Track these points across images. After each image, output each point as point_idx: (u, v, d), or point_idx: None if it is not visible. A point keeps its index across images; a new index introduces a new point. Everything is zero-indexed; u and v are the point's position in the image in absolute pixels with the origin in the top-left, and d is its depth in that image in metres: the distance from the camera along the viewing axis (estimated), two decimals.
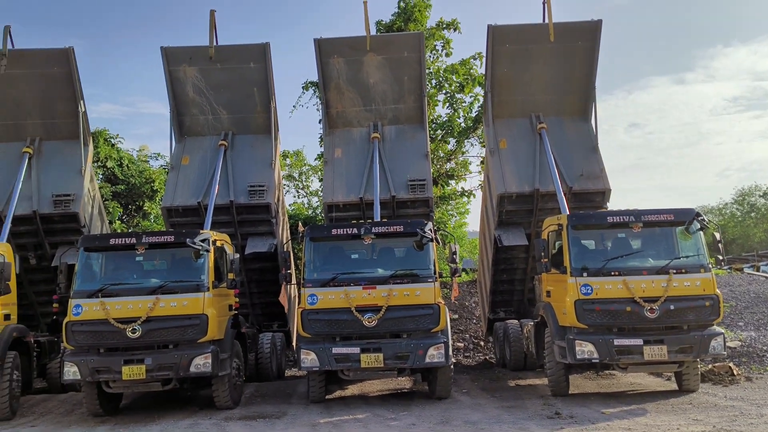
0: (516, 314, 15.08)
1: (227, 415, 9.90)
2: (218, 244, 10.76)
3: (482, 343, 17.75)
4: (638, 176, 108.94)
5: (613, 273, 9.63)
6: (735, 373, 11.48)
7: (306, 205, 28.82)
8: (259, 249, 14.05)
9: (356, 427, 8.74)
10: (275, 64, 15.02)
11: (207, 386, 10.60)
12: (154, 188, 22.27)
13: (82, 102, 14.79)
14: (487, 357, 16.51)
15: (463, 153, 22.85)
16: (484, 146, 22.22)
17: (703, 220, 10.01)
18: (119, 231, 19.94)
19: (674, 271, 9.55)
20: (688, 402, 9.56)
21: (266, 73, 15.01)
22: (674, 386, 10.84)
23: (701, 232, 9.99)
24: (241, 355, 11.48)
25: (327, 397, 10.87)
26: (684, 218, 9.98)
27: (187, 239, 10.07)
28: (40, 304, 14.49)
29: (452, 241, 14.39)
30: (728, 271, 21.78)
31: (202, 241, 10.13)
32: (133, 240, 10.27)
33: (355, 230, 10.40)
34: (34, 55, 14.39)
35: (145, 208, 22.43)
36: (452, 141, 22.39)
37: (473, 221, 25.67)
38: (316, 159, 28.12)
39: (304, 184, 31.20)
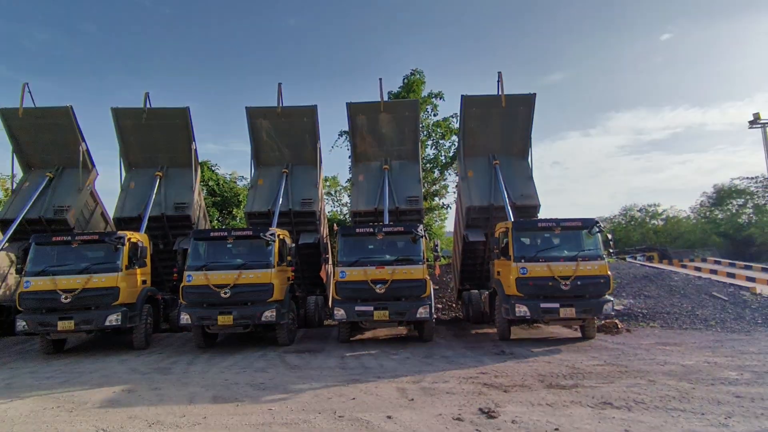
0: (477, 286, 15.08)
1: (285, 350, 10.02)
2: (281, 237, 10.91)
3: (454, 305, 17.77)
4: (558, 197, 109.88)
5: (541, 260, 9.70)
6: (619, 326, 11.46)
7: (339, 213, 28.91)
8: (308, 241, 14.17)
9: (370, 358, 8.81)
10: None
11: (272, 330, 10.74)
12: (240, 200, 22.38)
13: (194, 142, 15.03)
14: (457, 314, 16.50)
15: (443, 179, 22.87)
16: (458, 175, 22.40)
17: (600, 225, 10.06)
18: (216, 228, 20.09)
19: (581, 259, 9.61)
20: (588, 345, 9.57)
21: (314, 125, 15.17)
22: (579, 335, 10.85)
23: (599, 234, 10.04)
24: (295, 310, 11.61)
25: (351, 339, 10.98)
26: (588, 225, 10.04)
27: (261, 233, 10.28)
28: (165, 274, 14.68)
29: (435, 238, 14.48)
30: (616, 260, 21.66)
31: (271, 234, 10.33)
32: (226, 233, 10.47)
33: (371, 229, 10.53)
34: (164, 113, 14.67)
35: (233, 213, 22.55)
36: (437, 171, 22.44)
37: (450, 225, 25.79)
38: (345, 182, 28.32)
39: (338, 198, 31.36)
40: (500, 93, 14.24)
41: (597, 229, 9.92)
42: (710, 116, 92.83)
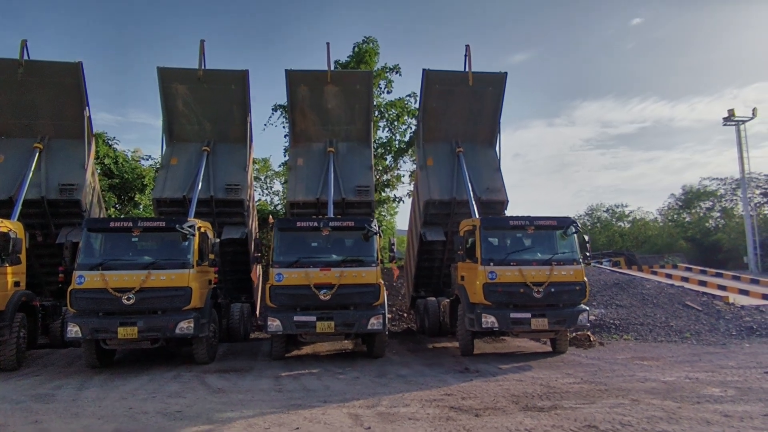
0: (433, 293, 15.23)
1: (205, 369, 9.54)
2: (202, 230, 10.36)
3: (405, 314, 17.88)
4: (519, 193, 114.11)
5: (512, 263, 9.90)
6: (592, 339, 12.03)
7: (269, 202, 28.17)
8: (233, 236, 13.64)
9: (311, 379, 8.58)
10: (251, 86, 14.68)
11: (187, 345, 10.22)
12: (144, 183, 21.06)
13: (87, 108, 13.93)
14: (410, 325, 16.60)
15: (396, 168, 22.91)
16: (415, 163, 22.53)
17: (577, 225, 10.45)
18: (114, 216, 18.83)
19: (555, 263, 9.93)
20: (561, 361, 9.95)
21: (244, 94, 14.59)
22: (549, 348, 11.27)
23: (575, 235, 10.42)
24: (217, 320, 11.11)
25: (286, 355, 10.67)
26: (564, 224, 10.39)
27: (177, 225, 9.67)
28: (44, 274, 13.59)
29: (389, 235, 14.44)
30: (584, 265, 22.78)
31: (189, 227, 9.76)
32: (130, 224, 9.76)
33: (315, 223, 10.27)
34: (48, 67, 13.44)
35: (136, 199, 21.18)
36: (389, 158, 22.44)
37: (400, 221, 25.90)
38: (279, 166, 27.58)
39: (268, 185, 30.56)
40: (467, 69, 14.45)
41: (574, 230, 10.28)
42: (678, 111, 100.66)
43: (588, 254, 10.47)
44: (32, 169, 13.04)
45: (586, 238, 10.53)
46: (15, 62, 13.05)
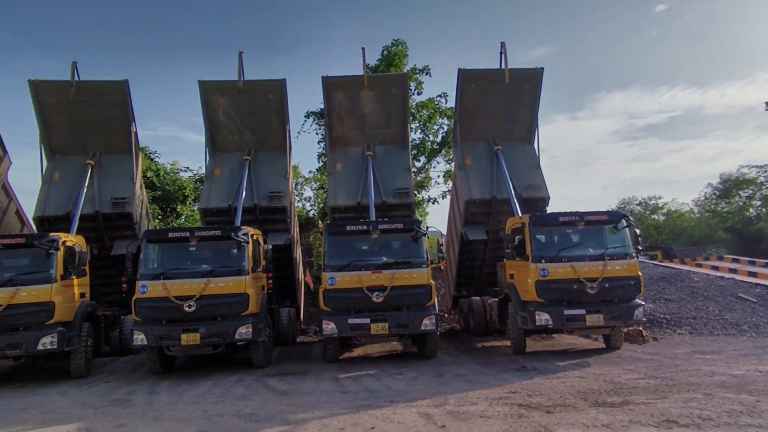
0: (475, 292, 15.25)
1: (263, 373, 9.78)
2: (254, 237, 10.61)
3: (446, 315, 17.90)
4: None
5: (563, 260, 9.87)
6: (644, 334, 11.88)
7: (302, 209, 28.52)
8: (277, 242, 13.86)
9: (371, 380, 8.73)
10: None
11: (244, 350, 10.48)
12: (186, 194, 21.64)
13: (134, 123, 14.42)
14: (452, 325, 16.63)
15: (430, 168, 22.96)
16: (448, 163, 22.58)
17: (629, 219, 10.35)
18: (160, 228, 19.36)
19: (608, 258, 9.86)
20: (618, 357, 9.87)
21: (282, 103, 14.87)
22: (601, 345, 11.19)
23: (627, 229, 10.32)
24: (271, 325, 11.36)
25: (339, 358, 10.83)
26: (615, 218, 10.32)
27: (232, 233, 9.96)
28: (100, 285, 14.05)
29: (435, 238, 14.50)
30: None
31: (243, 234, 10.03)
32: (188, 234, 10.08)
33: (365, 227, 10.41)
34: (97, 86, 13.98)
35: (178, 209, 21.79)
36: (422, 159, 22.51)
37: (432, 222, 25.88)
38: (309, 172, 27.98)
39: (299, 191, 30.95)
40: (503, 67, 14.44)
41: (626, 223, 10.19)
42: (709, 98, 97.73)
43: (640, 248, 10.35)
44: (86, 185, 13.57)
45: (638, 231, 10.41)
46: (67, 84, 13.60)
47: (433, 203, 22.75)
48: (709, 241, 40.45)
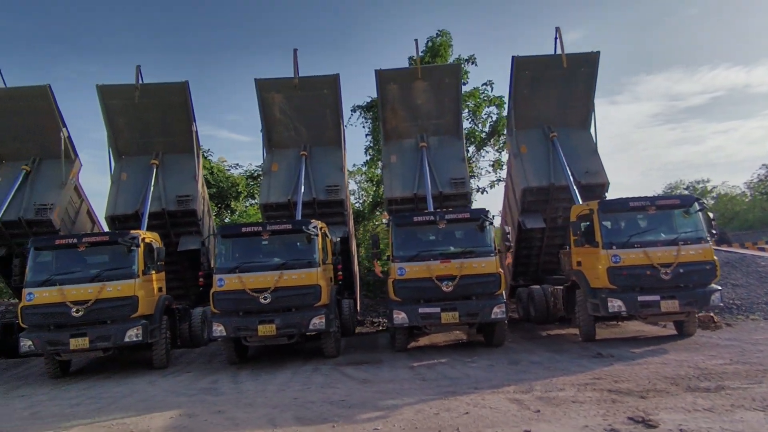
0: (532, 281, 15.17)
1: (336, 362, 10.01)
2: (323, 230, 10.84)
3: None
4: None
5: (635, 245, 9.71)
6: (716, 320, 11.56)
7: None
8: (336, 235, 14.12)
9: (446, 368, 8.82)
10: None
11: (314, 340, 10.73)
12: (239, 191, 22.21)
13: (194, 123, 14.87)
14: (511, 315, 16.50)
15: (480, 158, 22.80)
16: (498, 152, 22.39)
17: (702, 203, 10.09)
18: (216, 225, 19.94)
19: (682, 243, 9.64)
20: (695, 343, 9.66)
21: (336, 98, 15.08)
22: (671, 332, 10.97)
23: (700, 213, 10.06)
24: (338, 316, 11.59)
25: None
26: (687, 202, 10.07)
27: (303, 226, 10.20)
28: (169, 280, 14.61)
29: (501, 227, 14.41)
30: None
31: (313, 227, 10.26)
32: (260, 228, 10.36)
33: (432, 217, 10.48)
34: (159, 88, 14.46)
35: (232, 206, 22.38)
36: (471, 149, 22.37)
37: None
38: (353, 166, 28.15)
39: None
40: (560, 52, 14.22)
41: (698, 207, 9.94)
42: (755, 76, 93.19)
43: (714, 232, 10.07)
44: (152, 184, 14.10)
45: (711, 215, 10.13)
46: (132, 87, 14.13)
47: (482, 193, 22.60)
48: (765, 224, 38.82)
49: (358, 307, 17.03)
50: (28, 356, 10.70)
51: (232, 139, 73.67)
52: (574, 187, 13.04)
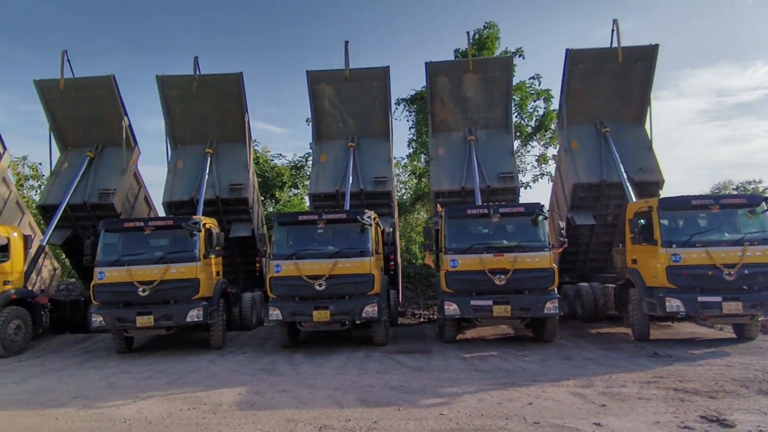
0: (578, 278, 14.97)
1: (387, 350, 10.16)
2: (376, 220, 10.99)
3: None
4: None
5: (697, 245, 9.50)
6: None
7: None
8: (387, 227, 14.29)
9: (499, 360, 8.87)
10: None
11: (363, 327, 10.91)
12: (283, 180, 22.64)
13: (247, 113, 15.23)
14: None
15: (522, 154, 22.57)
16: (544, 147, 22.12)
17: None
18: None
19: (747, 243, 9.38)
20: (758, 347, 9.38)
21: (386, 90, 15.19)
22: (729, 335, 10.69)
23: (766, 213, 9.74)
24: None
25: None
26: (754, 202, 9.77)
27: (358, 216, 10.37)
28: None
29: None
30: None
31: (368, 217, 10.42)
32: (316, 217, 10.58)
33: (486, 210, 10.48)
34: (215, 79, 14.86)
35: (276, 195, 22.82)
36: (517, 143, 22.18)
37: None
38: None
39: None
40: (616, 45, 13.94)
41: (766, 207, 9.61)
42: None
43: None
44: (207, 171, 14.54)
45: None
46: (190, 78, 14.58)
47: (525, 188, 22.38)
48: None
49: (400, 298, 17.17)
50: (98, 332, 11.25)
51: (268, 130, 74.79)
52: (628, 185, 12.83)
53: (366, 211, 10.73)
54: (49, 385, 8.02)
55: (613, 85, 14.46)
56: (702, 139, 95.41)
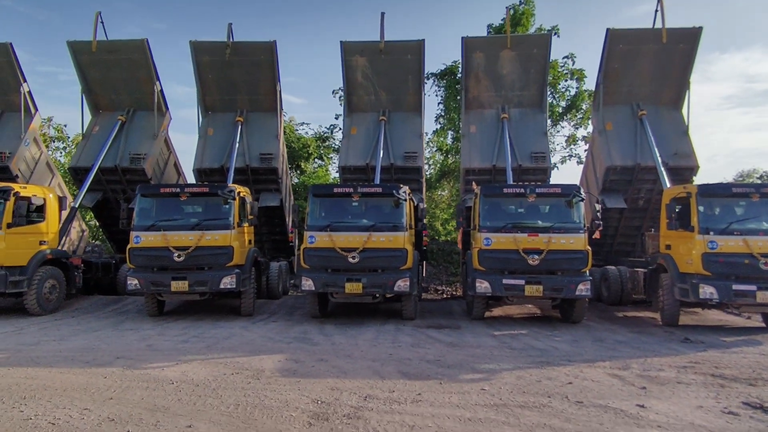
0: (604, 262, 14.94)
1: (416, 324, 10.30)
2: (410, 195, 11.00)
3: None
4: None
5: (735, 233, 9.41)
6: None
7: None
8: (416, 202, 14.30)
9: (529, 338, 8.95)
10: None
11: (391, 301, 11.05)
12: (309, 152, 22.62)
13: (278, 83, 15.17)
14: None
15: (552, 134, 22.30)
16: (576, 128, 21.82)
17: None
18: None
19: None
20: None
21: (420, 63, 15.00)
22: (758, 324, 10.69)
23: None
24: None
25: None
26: None
27: (393, 190, 10.39)
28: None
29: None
30: None
31: (404, 192, 10.44)
32: (351, 189, 10.62)
33: (521, 189, 10.44)
34: (248, 46, 14.75)
35: (302, 167, 22.84)
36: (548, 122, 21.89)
37: None
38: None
39: None
40: (660, 26, 13.60)
41: None
42: None
43: None
44: (237, 140, 14.61)
45: None
46: (223, 44, 14.50)
47: (553, 169, 22.14)
48: None
49: (424, 274, 17.30)
50: (132, 294, 11.53)
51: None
52: (662, 169, 12.68)
53: (401, 185, 10.73)
54: (90, 344, 8.28)
55: (653, 66, 14.16)
56: (726, 125, 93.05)
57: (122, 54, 14.78)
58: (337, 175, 15.62)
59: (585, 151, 21.93)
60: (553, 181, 14.99)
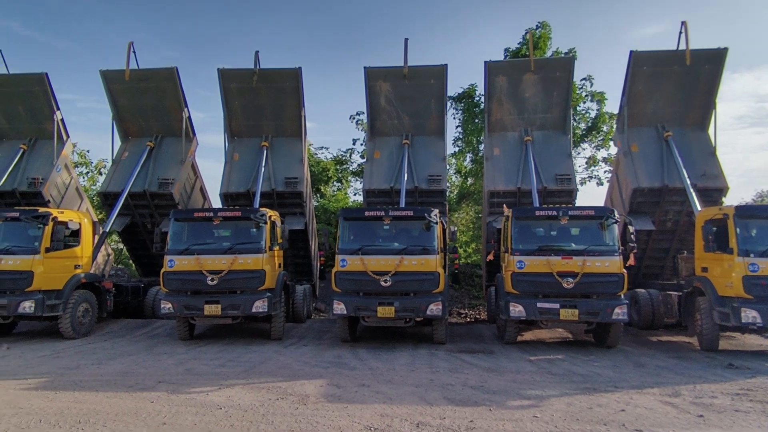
0: (631, 285, 14.68)
1: (448, 349, 10.15)
2: (440, 218, 10.96)
3: None
4: None
5: None
6: None
7: None
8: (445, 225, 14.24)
9: (567, 364, 8.77)
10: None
11: (422, 324, 10.92)
12: (329, 175, 22.77)
13: (303, 109, 15.37)
14: None
15: (576, 154, 22.29)
16: (594, 149, 21.78)
17: None
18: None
19: None
20: None
21: (442, 88, 15.14)
22: None
23: None
24: None
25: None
26: None
27: (425, 213, 10.37)
28: None
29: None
30: None
31: (434, 215, 10.41)
32: (382, 213, 10.61)
33: (554, 212, 10.37)
34: (274, 74, 15.00)
35: (321, 190, 22.95)
36: None
37: None
38: None
39: None
40: (684, 47, 13.62)
41: None
42: None
43: None
44: (263, 165, 14.74)
45: None
46: (251, 71, 14.77)
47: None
48: None
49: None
50: (167, 318, 11.52)
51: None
52: (691, 190, 12.58)
53: (432, 208, 10.71)
54: (129, 369, 8.25)
55: (677, 88, 14.17)
56: (739, 145, 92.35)
57: (152, 82, 15.10)
58: (356, 197, 15.71)
59: (606, 172, 21.87)
60: (578, 203, 14.88)
